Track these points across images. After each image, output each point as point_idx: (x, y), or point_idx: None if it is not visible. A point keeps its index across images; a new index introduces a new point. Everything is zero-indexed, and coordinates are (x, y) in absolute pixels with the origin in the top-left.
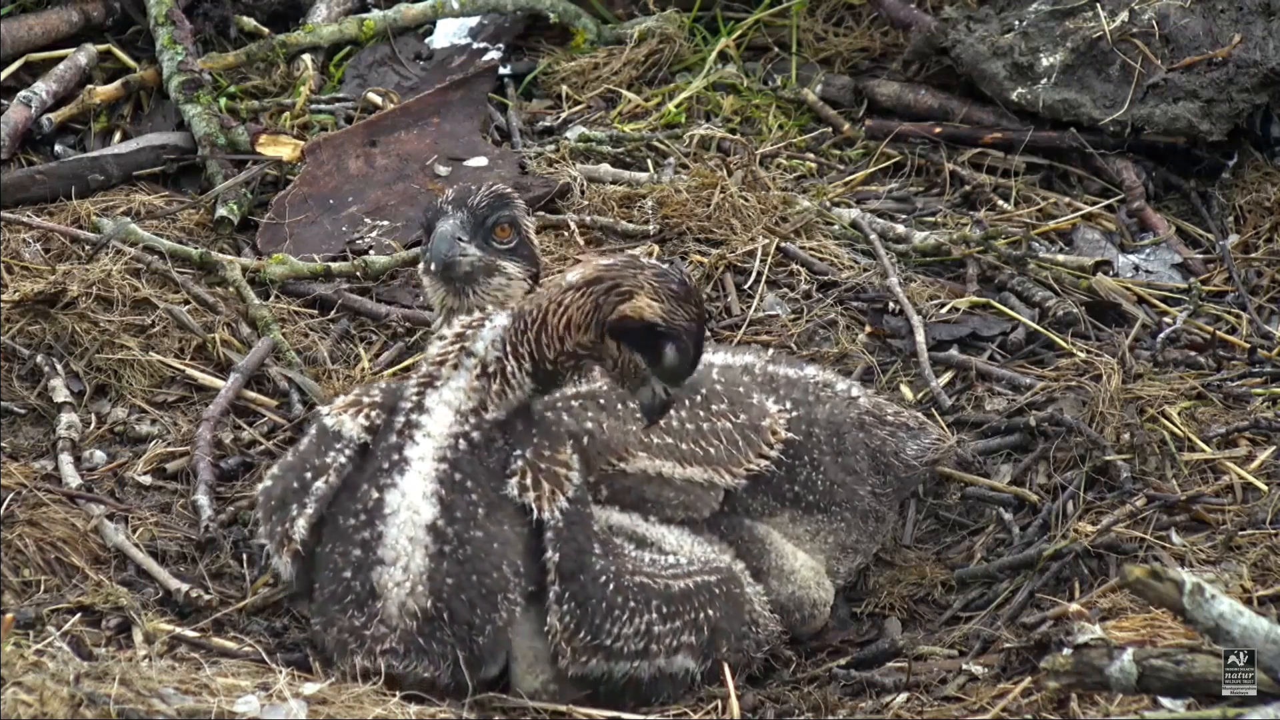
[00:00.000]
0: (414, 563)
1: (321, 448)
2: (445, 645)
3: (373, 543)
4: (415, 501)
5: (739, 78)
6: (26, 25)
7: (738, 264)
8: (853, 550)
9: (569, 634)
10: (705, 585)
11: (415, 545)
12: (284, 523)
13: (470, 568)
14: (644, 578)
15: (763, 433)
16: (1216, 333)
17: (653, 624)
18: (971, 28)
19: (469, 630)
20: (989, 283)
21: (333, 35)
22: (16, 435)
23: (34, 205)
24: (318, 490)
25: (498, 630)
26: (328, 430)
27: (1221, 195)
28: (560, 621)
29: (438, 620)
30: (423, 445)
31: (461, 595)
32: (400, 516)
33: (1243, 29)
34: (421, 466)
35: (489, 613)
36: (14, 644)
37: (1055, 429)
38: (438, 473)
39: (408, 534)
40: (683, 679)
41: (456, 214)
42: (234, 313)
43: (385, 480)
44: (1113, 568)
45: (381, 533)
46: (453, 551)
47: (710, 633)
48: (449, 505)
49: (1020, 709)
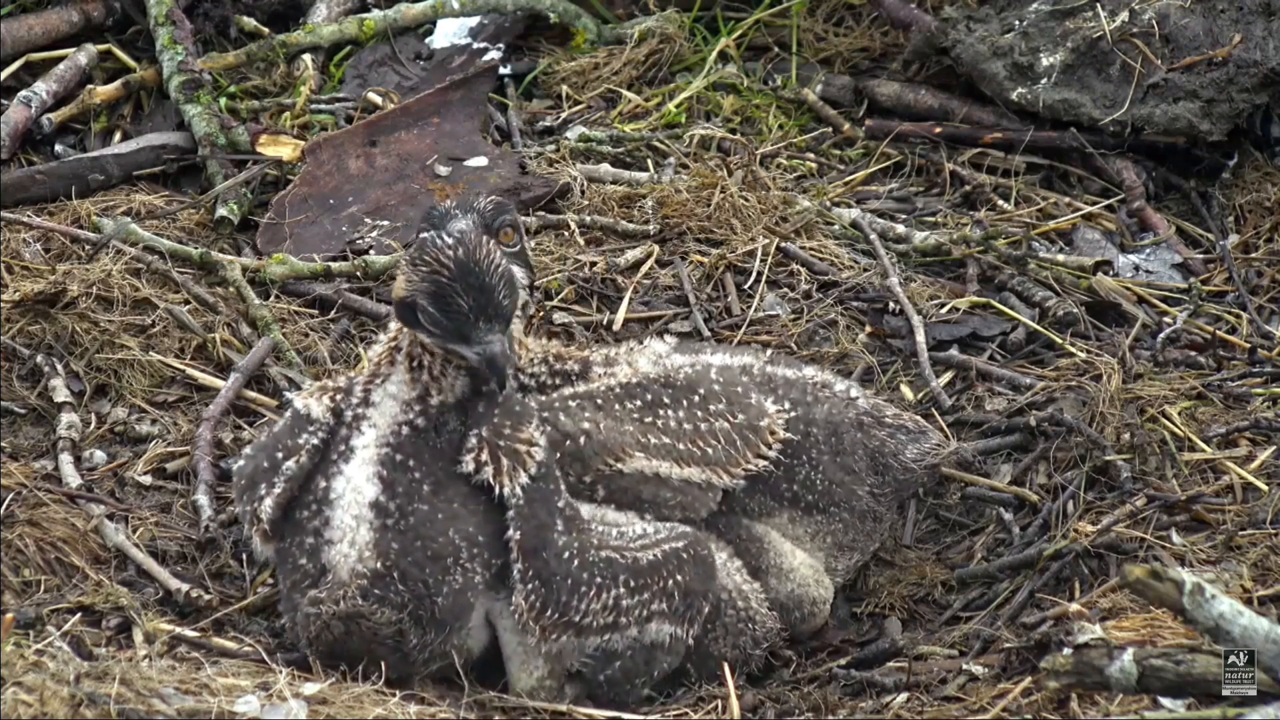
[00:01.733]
0: (359, 536)
1: (295, 429)
2: (401, 597)
3: (322, 528)
4: (359, 484)
5: (739, 78)
6: (26, 25)
7: (738, 264)
8: (850, 549)
9: (535, 612)
10: (673, 552)
11: (360, 522)
12: (253, 502)
13: (414, 535)
14: (610, 551)
15: (761, 433)
16: (1217, 333)
17: (620, 597)
18: (971, 28)
19: (424, 589)
20: (989, 283)
21: (333, 35)
22: (16, 435)
23: (34, 205)
24: (288, 469)
25: (456, 593)
26: (299, 413)
27: (1222, 195)
28: (526, 600)
29: (388, 578)
30: (367, 434)
31: (408, 558)
32: (345, 499)
33: (1243, 29)
34: (365, 453)
35: (441, 574)
36: (14, 644)
37: (1055, 429)
38: (380, 456)
39: (352, 513)
40: (671, 646)
41: (467, 216)
42: (234, 313)
43: (333, 470)
44: (1113, 568)
45: (329, 517)
46: (395, 524)
47: (683, 595)
48: (390, 483)
49: (1020, 709)
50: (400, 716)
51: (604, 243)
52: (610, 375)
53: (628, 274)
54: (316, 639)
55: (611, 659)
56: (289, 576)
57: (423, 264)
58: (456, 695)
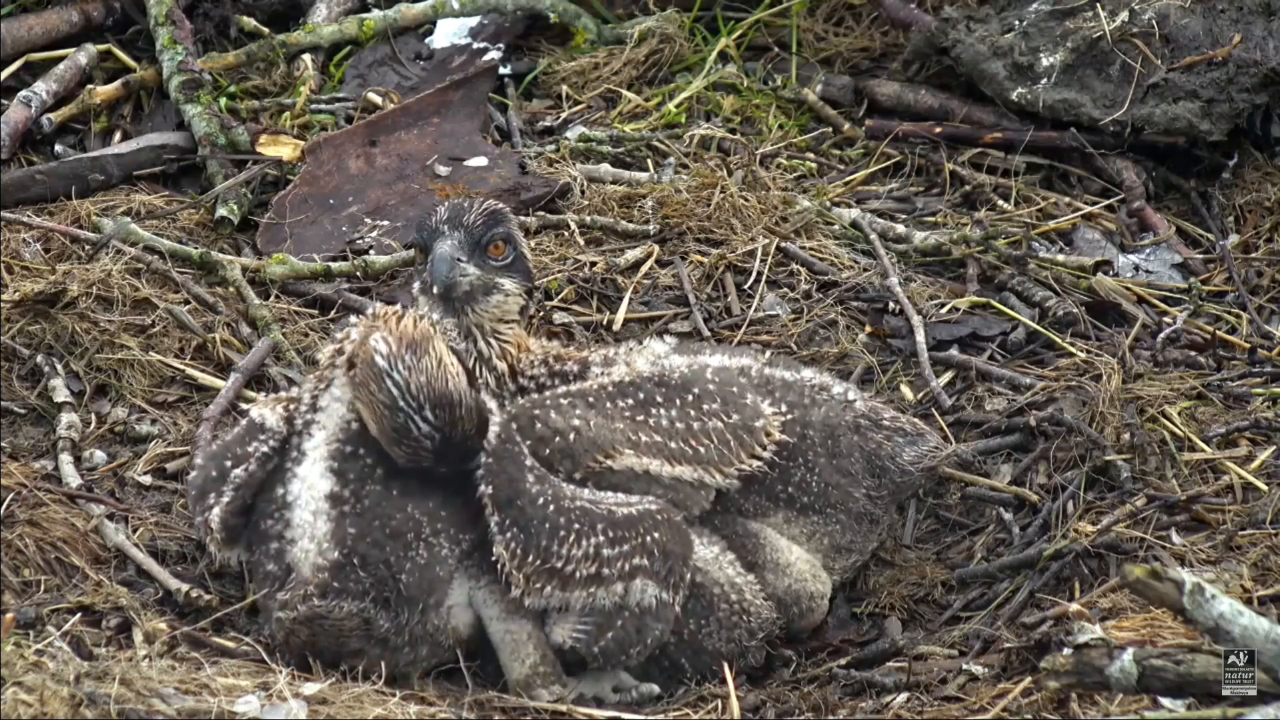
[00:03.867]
0: (317, 529)
1: (245, 438)
2: (362, 584)
3: (284, 530)
4: (313, 481)
5: (739, 78)
6: (26, 25)
7: (738, 264)
8: (848, 551)
9: (518, 560)
10: (647, 512)
11: (318, 516)
12: (204, 511)
13: (370, 515)
14: (585, 503)
15: (756, 433)
16: (1216, 333)
17: (601, 546)
18: (971, 28)
19: (386, 569)
20: (989, 283)
21: (333, 35)
22: (16, 435)
23: (34, 205)
24: (236, 478)
25: (421, 569)
26: (254, 422)
27: (1221, 195)
28: (507, 549)
29: (348, 565)
30: (316, 436)
31: (366, 539)
32: (302, 498)
33: (1243, 29)
34: (316, 452)
35: (403, 550)
36: (14, 644)
37: (1055, 429)
38: (330, 451)
39: (310, 509)
40: (660, 612)
41: (453, 234)
42: (234, 313)
43: (288, 474)
44: (1113, 568)
45: (289, 519)
46: (352, 509)
47: (663, 555)
48: (342, 473)
49: (1020, 709)
50: (400, 716)
51: (604, 243)
52: (606, 375)
53: (628, 274)
54: (286, 644)
55: (603, 630)
56: (261, 585)
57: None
58: (457, 695)
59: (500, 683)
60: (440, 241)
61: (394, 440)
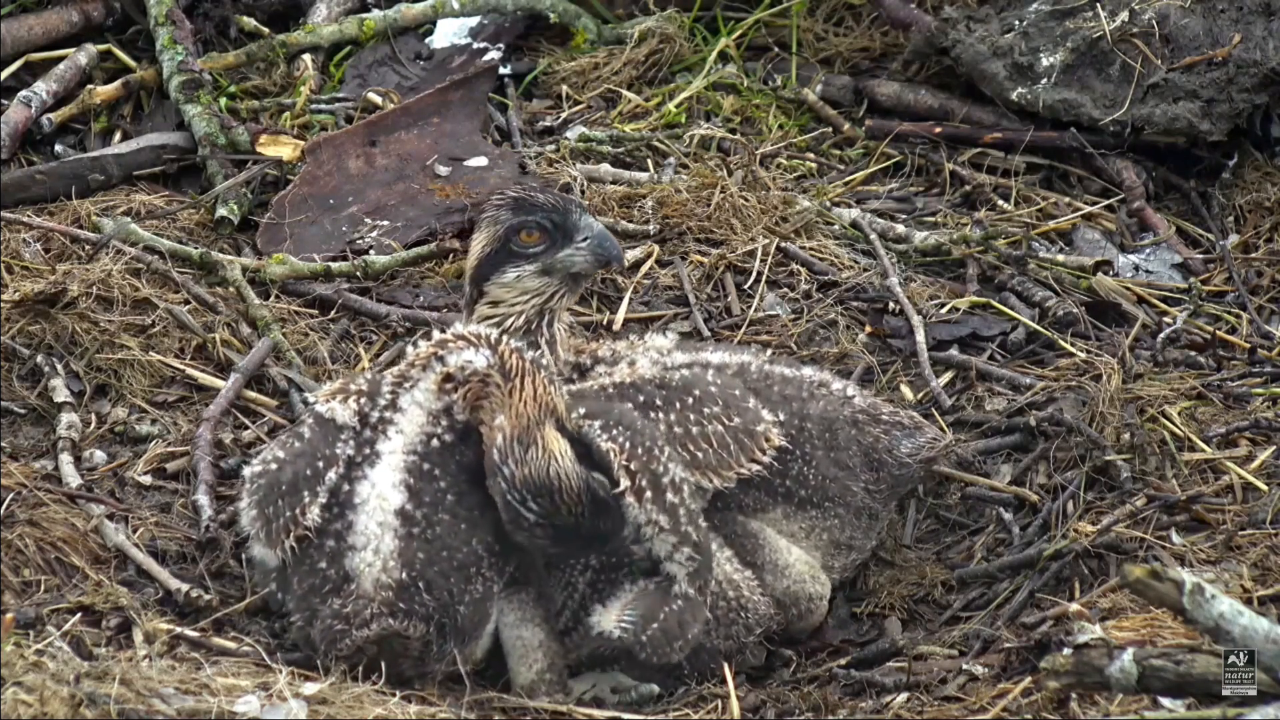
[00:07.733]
0: (384, 544)
1: (328, 437)
2: (426, 608)
3: (344, 532)
4: (385, 490)
5: (739, 78)
6: (26, 25)
7: (738, 264)
8: (847, 547)
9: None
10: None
11: (385, 529)
12: (295, 508)
13: (440, 545)
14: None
15: (756, 438)
16: (1216, 333)
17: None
18: (971, 28)
19: (449, 598)
20: (989, 283)
21: (333, 35)
22: (16, 435)
23: (34, 205)
24: (330, 480)
25: (477, 602)
26: (324, 419)
27: (1221, 195)
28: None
29: (413, 588)
30: (394, 440)
31: (434, 568)
32: (370, 505)
33: (1243, 29)
34: (392, 459)
35: (464, 584)
36: (14, 644)
37: (1055, 429)
38: (407, 464)
39: (377, 520)
40: (696, 611)
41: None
42: (234, 313)
43: (357, 474)
44: (1113, 568)
45: (352, 522)
46: (421, 533)
47: (699, 552)
48: (416, 492)
49: (1020, 709)
50: (400, 716)
51: None
52: (608, 374)
53: (628, 274)
54: (346, 656)
55: (648, 621)
56: (306, 579)
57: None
58: (457, 695)
59: (500, 682)
60: (590, 217)
61: (512, 528)
